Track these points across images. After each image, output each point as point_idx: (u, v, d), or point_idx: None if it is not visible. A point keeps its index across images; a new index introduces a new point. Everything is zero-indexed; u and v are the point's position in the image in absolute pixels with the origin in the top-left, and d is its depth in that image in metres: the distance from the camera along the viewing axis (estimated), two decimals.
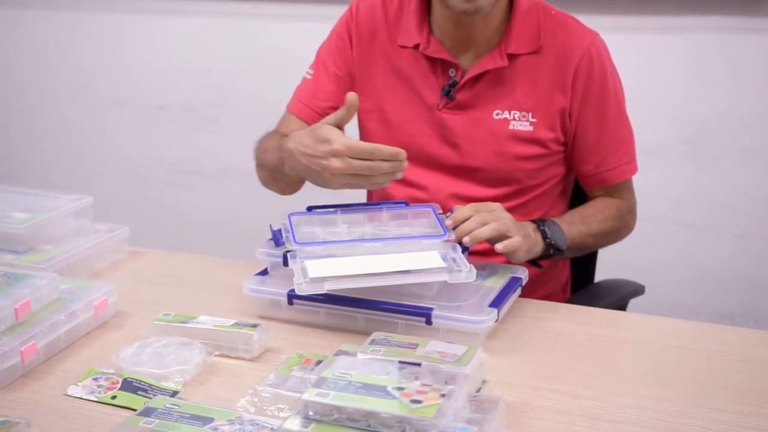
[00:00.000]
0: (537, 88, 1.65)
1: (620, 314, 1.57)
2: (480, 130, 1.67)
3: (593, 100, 1.66)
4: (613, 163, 1.70)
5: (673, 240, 2.68)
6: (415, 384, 1.04)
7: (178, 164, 3.27)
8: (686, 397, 1.22)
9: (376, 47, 1.72)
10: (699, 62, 2.58)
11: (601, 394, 1.22)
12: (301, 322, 1.43)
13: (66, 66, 3.33)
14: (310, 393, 1.02)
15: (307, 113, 1.78)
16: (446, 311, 1.35)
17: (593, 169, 1.71)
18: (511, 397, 1.19)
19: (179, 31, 3.15)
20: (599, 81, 1.65)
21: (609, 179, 1.71)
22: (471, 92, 1.66)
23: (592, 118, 1.67)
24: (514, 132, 1.66)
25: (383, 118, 1.73)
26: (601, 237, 1.69)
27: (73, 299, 1.39)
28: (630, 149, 1.73)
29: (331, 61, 1.77)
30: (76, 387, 1.22)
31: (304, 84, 1.81)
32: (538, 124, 1.65)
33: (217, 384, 1.24)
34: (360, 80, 1.75)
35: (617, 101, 1.69)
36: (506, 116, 1.66)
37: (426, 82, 1.68)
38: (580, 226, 1.63)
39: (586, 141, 1.68)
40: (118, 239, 1.72)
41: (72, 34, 3.29)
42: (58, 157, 3.44)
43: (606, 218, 1.69)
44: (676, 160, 2.64)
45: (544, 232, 1.54)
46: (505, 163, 1.68)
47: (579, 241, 1.63)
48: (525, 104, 1.65)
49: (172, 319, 1.37)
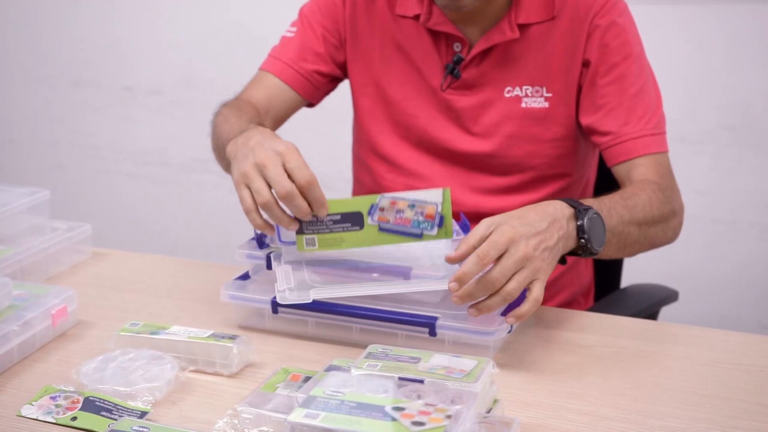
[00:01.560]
0: (551, 58, 1.65)
1: (650, 324, 1.58)
2: (491, 112, 1.67)
3: (612, 58, 1.63)
4: (635, 131, 1.63)
5: (710, 240, 2.69)
6: (417, 404, 1.04)
7: (145, 154, 3.27)
8: (727, 419, 1.22)
9: (374, 13, 1.72)
10: (740, 37, 2.58)
11: (629, 414, 1.22)
12: (287, 333, 1.43)
13: (19, 42, 3.33)
14: (298, 414, 1.02)
15: (291, 75, 1.75)
16: (452, 321, 1.35)
17: (613, 139, 1.64)
18: (526, 418, 1.19)
19: (146, 3, 3.15)
20: (619, 38, 1.64)
21: (632, 150, 1.63)
22: (478, 69, 1.66)
23: (611, 78, 1.64)
24: (527, 110, 1.66)
25: (380, 93, 1.73)
26: (647, 226, 1.53)
27: (28, 307, 1.39)
28: (656, 120, 1.65)
29: (318, 21, 1.76)
30: (31, 407, 1.21)
31: (285, 43, 1.78)
32: (554, 99, 1.65)
33: (192, 404, 1.24)
34: (353, 48, 1.74)
35: (639, 64, 1.66)
36: (518, 93, 1.66)
37: (428, 60, 1.69)
38: (621, 211, 1.48)
39: (605, 104, 1.65)
40: (78, 239, 1.72)
41: (25, 6, 3.29)
42: (10, 145, 3.44)
43: (650, 201, 1.54)
44: (714, 150, 2.65)
45: (582, 228, 1.38)
46: (519, 147, 1.68)
47: (620, 232, 1.48)
48: (538, 78, 1.65)
49: (140, 329, 1.37)
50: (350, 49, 1.75)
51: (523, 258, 1.27)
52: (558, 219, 1.35)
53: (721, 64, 2.60)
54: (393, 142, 1.74)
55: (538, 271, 1.29)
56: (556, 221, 1.34)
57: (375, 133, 1.76)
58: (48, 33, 3.27)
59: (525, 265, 1.27)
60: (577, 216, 1.38)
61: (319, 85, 1.77)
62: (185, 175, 3.24)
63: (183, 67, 3.15)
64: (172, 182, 3.26)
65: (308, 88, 1.76)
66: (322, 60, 1.75)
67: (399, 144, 1.74)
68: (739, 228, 2.67)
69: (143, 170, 3.28)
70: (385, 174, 1.76)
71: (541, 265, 1.29)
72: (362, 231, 1.35)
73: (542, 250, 1.29)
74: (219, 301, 1.46)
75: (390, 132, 1.74)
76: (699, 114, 2.61)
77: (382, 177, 1.76)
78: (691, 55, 2.61)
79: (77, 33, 3.24)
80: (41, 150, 3.39)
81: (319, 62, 1.75)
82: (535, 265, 1.28)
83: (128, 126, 3.26)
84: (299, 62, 1.75)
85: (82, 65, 3.27)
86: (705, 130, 2.63)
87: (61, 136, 3.36)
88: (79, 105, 3.30)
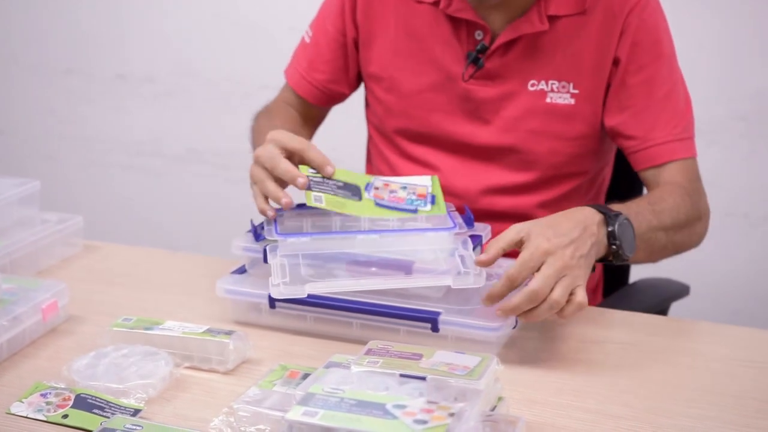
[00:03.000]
0: (581, 54, 1.64)
1: (660, 319, 1.58)
2: (513, 105, 1.66)
3: (642, 58, 1.63)
4: (661, 136, 1.64)
5: (722, 233, 2.68)
6: (419, 401, 1.04)
7: (139, 144, 3.27)
8: (740, 418, 1.22)
9: (389, 1, 1.71)
10: (753, 25, 2.58)
11: (638, 413, 1.22)
12: (285, 328, 1.43)
13: (8, 29, 3.33)
14: (296, 412, 1.03)
15: (304, 87, 1.82)
16: (456, 316, 1.35)
17: (639, 144, 1.65)
18: (531, 416, 1.19)
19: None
20: (651, 38, 1.63)
21: (658, 155, 1.64)
22: (502, 60, 1.65)
23: (640, 78, 1.64)
24: (552, 106, 1.65)
25: (393, 86, 1.73)
26: (674, 231, 1.55)
27: (17, 301, 1.39)
28: (684, 124, 1.66)
29: (331, 22, 1.77)
30: (21, 404, 1.22)
31: (302, 48, 1.84)
32: (581, 96, 1.65)
33: (187, 401, 1.24)
34: (367, 42, 1.74)
35: (670, 65, 1.66)
36: (543, 87, 1.65)
37: (447, 47, 1.68)
38: (649, 217, 1.50)
39: (632, 105, 1.65)
40: (69, 231, 1.72)
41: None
42: (0, 135, 3.44)
43: (678, 205, 1.56)
44: (727, 141, 2.64)
45: (613, 234, 1.40)
46: (540, 144, 1.67)
47: (648, 238, 1.49)
48: (565, 73, 1.64)
49: (134, 324, 1.37)
50: (363, 43, 1.75)
51: (563, 267, 1.30)
52: (589, 226, 1.37)
53: (734, 52, 2.60)
54: (409, 136, 1.74)
55: (578, 277, 1.32)
56: (587, 228, 1.37)
57: (391, 127, 1.76)
58: (38, 20, 3.27)
59: (566, 273, 1.30)
60: (607, 222, 1.40)
61: (334, 94, 1.83)
62: (180, 166, 3.24)
63: (178, 54, 3.14)
64: (166, 173, 3.26)
65: (322, 98, 1.83)
66: (334, 68, 1.79)
67: (415, 137, 1.74)
68: (752, 221, 2.67)
69: (137, 161, 3.28)
70: (403, 168, 1.76)
71: (579, 271, 1.32)
72: (361, 202, 1.43)
73: (578, 258, 1.33)
74: (215, 295, 1.46)
75: (406, 126, 1.74)
76: (710, 104, 2.61)
77: (401, 170, 1.76)
78: (702, 44, 2.60)
79: (68, 20, 3.24)
80: (31, 140, 3.39)
81: (330, 71, 1.80)
82: (574, 272, 1.31)
83: (121, 115, 3.26)
84: (312, 72, 1.81)
85: (73, 53, 3.26)
86: (717, 121, 2.63)
87: (52, 125, 3.35)
88: (71, 94, 3.30)
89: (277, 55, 2.03)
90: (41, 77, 3.32)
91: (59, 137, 3.36)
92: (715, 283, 2.65)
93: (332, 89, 1.81)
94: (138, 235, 3.20)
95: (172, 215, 3.26)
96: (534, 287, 1.29)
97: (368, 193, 1.46)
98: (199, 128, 3.17)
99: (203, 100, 3.15)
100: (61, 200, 2.45)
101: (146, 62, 3.19)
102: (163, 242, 3.08)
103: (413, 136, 1.74)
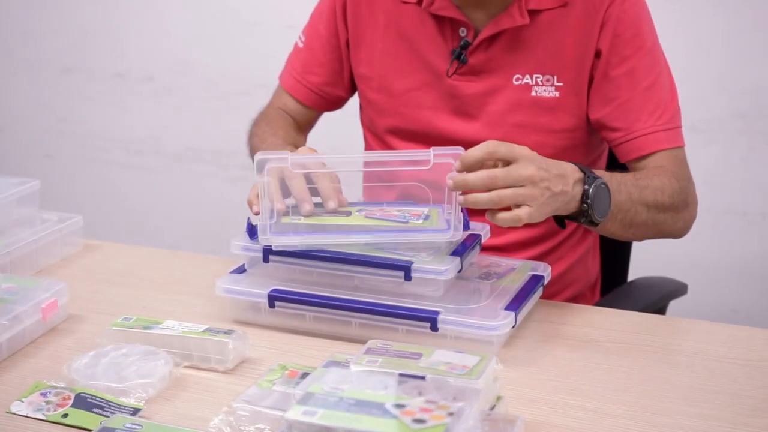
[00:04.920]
0: (563, 46, 1.65)
1: (658, 318, 1.58)
2: (499, 99, 1.67)
3: (623, 50, 1.64)
4: (646, 127, 1.64)
5: (721, 231, 2.69)
6: (418, 401, 1.05)
7: (138, 142, 3.27)
8: (737, 416, 1.22)
9: (377, 3, 1.73)
10: (752, 22, 2.58)
11: (636, 412, 1.23)
12: (284, 327, 1.43)
13: (6, 27, 3.33)
14: (295, 411, 1.03)
15: (300, 90, 1.83)
16: (455, 315, 1.35)
17: (624, 135, 1.65)
18: (530, 415, 1.19)
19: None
20: (632, 30, 1.64)
21: (643, 146, 1.65)
22: (486, 55, 1.66)
23: (622, 70, 1.64)
24: (537, 99, 1.66)
25: (384, 86, 1.74)
26: (656, 210, 1.57)
27: (17, 300, 1.39)
28: (668, 115, 1.66)
29: (323, 25, 1.79)
30: (21, 403, 1.22)
31: (296, 53, 1.84)
32: (565, 89, 1.66)
33: (186, 400, 1.24)
34: (356, 43, 1.76)
35: (652, 56, 1.67)
36: (527, 81, 1.66)
37: (433, 45, 1.69)
38: (631, 189, 1.52)
39: (616, 98, 1.65)
40: (69, 230, 1.72)
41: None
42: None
43: (663, 185, 1.58)
44: (725, 138, 2.64)
45: (586, 193, 1.42)
46: (527, 138, 1.68)
47: (627, 209, 1.52)
48: (549, 66, 1.65)
49: (133, 324, 1.37)
50: (354, 45, 1.76)
51: (528, 178, 1.33)
52: (566, 176, 1.40)
53: (732, 50, 2.60)
54: (400, 134, 1.75)
55: (534, 199, 1.35)
56: (564, 176, 1.40)
57: (382, 126, 1.76)
58: (36, 17, 3.27)
59: (526, 185, 1.34)
60: (585, 181, 1.43)
61: (331, 98, 1.84)
62: (179, 165, 3.23)
63: (177, 53, 3.14)
64: (165, 172, 3.26)
65: (318, 101, 1.84)
66: (329, 71, 1.80)
67: (406, 136, 1.74)
68: (751, 219, 2.67)
69: (136, 159, 3.28)
70: None
71: (540, 198, 1.35)
72: (349, 217, 1.43)
73: (545, 188, 1.36)
74: (214, 294, 1.46)
75: (396, 125, 1.74)
76: (709, 102, 2.61)
77: None
78: (701, 42, 2.60)
79: (67, 17, 3.24)
80: (30, 139, 3.39)
81: (325, 74, 1.81)
82: (534, 191, 1.34)
83: (120, 114, 3.26)
84: (307, 76, 1.82)
85: (72, 51, 3.26)
86: (715, 119, 2.62)
87: (50, 124, 3.35)
88: (69, 92, 3.30)
89: (275, 54, 2.03)
90: (40, 76, 3.32)
91: (58, 136, 3.36)
92: (713, 282, 2.65)
93: (328, 92, 1.82)
94: (137, 234, 3.20)
95: (172, 214, 3.26)
96: (494, 173, 1.33)
97: (360, 213, 1.45)
98: (198, 127, 3.17)
99: (202, 99, 3.15)
100: (61, 199, 2.45)
101: (145, 61, 3.19)
102: (163, 240, 3.09)
103: (404, 135, 1.75)
